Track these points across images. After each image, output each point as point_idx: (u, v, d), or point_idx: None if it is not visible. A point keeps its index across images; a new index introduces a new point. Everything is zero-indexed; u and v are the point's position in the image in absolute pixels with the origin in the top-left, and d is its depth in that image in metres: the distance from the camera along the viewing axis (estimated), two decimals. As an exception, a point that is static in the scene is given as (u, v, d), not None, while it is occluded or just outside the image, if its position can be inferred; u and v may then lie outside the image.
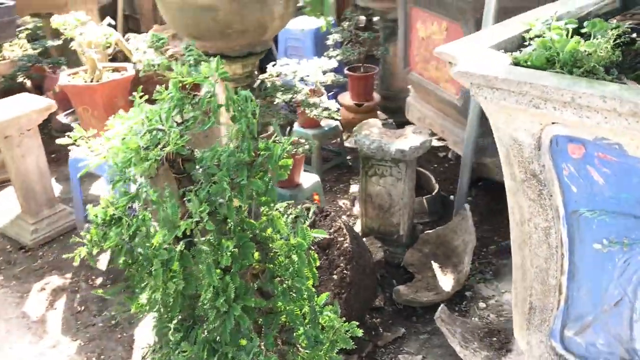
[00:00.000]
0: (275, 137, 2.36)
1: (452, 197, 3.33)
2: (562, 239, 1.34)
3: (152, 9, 4.69)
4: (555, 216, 1.33)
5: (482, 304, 2.71)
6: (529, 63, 1.24)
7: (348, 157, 3.86)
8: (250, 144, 2.24)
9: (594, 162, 1.21)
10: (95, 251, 2.24)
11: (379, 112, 2.96)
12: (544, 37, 1.31)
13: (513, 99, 1.19)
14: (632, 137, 1.10)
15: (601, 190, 1.24)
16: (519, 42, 1.41)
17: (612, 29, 1.21)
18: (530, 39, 1.37)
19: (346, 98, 4.00)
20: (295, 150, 3.09)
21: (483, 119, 2.79)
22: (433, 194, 3.27)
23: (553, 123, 1.20)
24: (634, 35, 1.22)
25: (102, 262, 2.98)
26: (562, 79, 1.14)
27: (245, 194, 2.14)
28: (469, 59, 1.27)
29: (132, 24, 4.81)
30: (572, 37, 1.27)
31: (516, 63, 1.25)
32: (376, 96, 3.99)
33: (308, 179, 3.20)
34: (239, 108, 2.30)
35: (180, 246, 2.13)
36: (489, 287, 2.80)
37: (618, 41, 1.20)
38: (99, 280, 2.88)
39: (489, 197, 3.32)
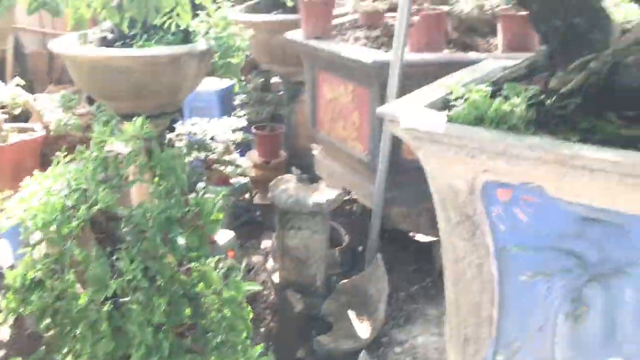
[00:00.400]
0: (205, 192, 2.41)
1: (360, 248, 3.51)
2: (492, 273, 1.52)
3: (46, 70, 4.57)
4: (487, 253, 1.51)
5: (397, 349, 2.86)
6: (460, 120, 1.44)
7: (258, 213, 3.94)
8: (180, 200, 2.27)
9: (519, 203, 1.42)
10: (11, 318, 2.12)
11: (293, 168, 3.12)
12: (467, 98, 1.53)
13: (453, 151, 1.37)
14: (552, 180, 1.31)
15: (525, 228, 1.44)
16: (444, 103, 1.62)
17: (526, 91, 1.45)
18: (454, 100, 1.58)
19: (254, 156, 4.12)
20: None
21: (390, 173, 3.03)
22: (344, 245, 3.43)
23: (485, 171, 1.40)
24: (543, 96, 1.47)
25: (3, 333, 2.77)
26: (494, 133, 1.35)
27: (178, 250, 2.16)
28: (409, 117, 1.45)
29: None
30: (490, 98, 1.49)
31: (450, 120, 1.45)
32: (283, 153, 4.16)
33: (223, 236, 3.23)
34: (167, 165, 2.33)
35: (107, 306, 2.08)
36: (403, 332, 2.96)
37: (531, 102, 1.44)
38: (1, 353, 2.66)
39: (395, 247, 3.54)
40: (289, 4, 2.75)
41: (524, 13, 2.66)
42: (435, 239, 3.22)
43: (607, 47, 1.50)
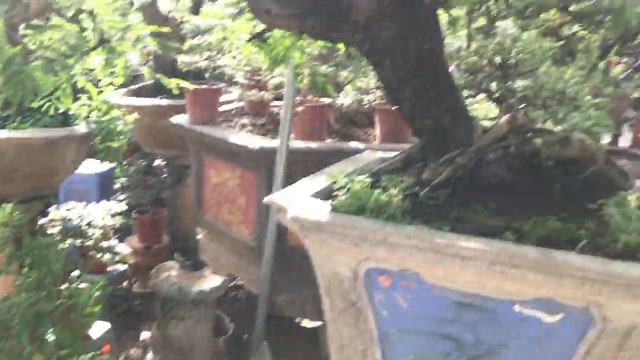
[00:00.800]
0: (79, 282, 2.27)
1: (246, 336, 3.42)
2: (377, 359, 1.55)
3: None
4: (371, 339, 1.54)
5: None
6: (343, 210, 1.50)
7: (137, 302, 3.74)
8: (53, 292, 2.13)
9: (399, 289, 1.48)
10: None
11: (176, 255, 3.04)
12: (349, 188, 1.60)
13: (336, 239, 1.42)
14: (427, 267, 1.39)
15: (406, 313, 1.50)
16: (329, 192, 1.68)
17: (401, 183, 1.56)
18: (338, 189, 1.66)
19: (134, 241, 3.96)
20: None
21: (277, 259, 3.03)
22: (229, 334, 3.32)
23: (367, 259, 1.46)
24: (417, 187, 1.58)
25: None
26: (375, 222, 1.42)
27: (48, 347, 2.00)
28: (296, 207, 1.50)
29: None
30: (370, 188, 1.58)
31: (334, 209, 1.51)
32: (165, 238, 4.04)
33: (98, 328, 3.01)
34: (38, 255, 2.19)
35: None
36: (290, 423, 2.88)
37: (407, 192, 1.54)
38: None
39: (281, 333, 3.49)
40: (175, 91, 2.78)
41: (398, 108, 2.89)
42: (321, 323, 3.23)
43: (471, 143, 1.66)
